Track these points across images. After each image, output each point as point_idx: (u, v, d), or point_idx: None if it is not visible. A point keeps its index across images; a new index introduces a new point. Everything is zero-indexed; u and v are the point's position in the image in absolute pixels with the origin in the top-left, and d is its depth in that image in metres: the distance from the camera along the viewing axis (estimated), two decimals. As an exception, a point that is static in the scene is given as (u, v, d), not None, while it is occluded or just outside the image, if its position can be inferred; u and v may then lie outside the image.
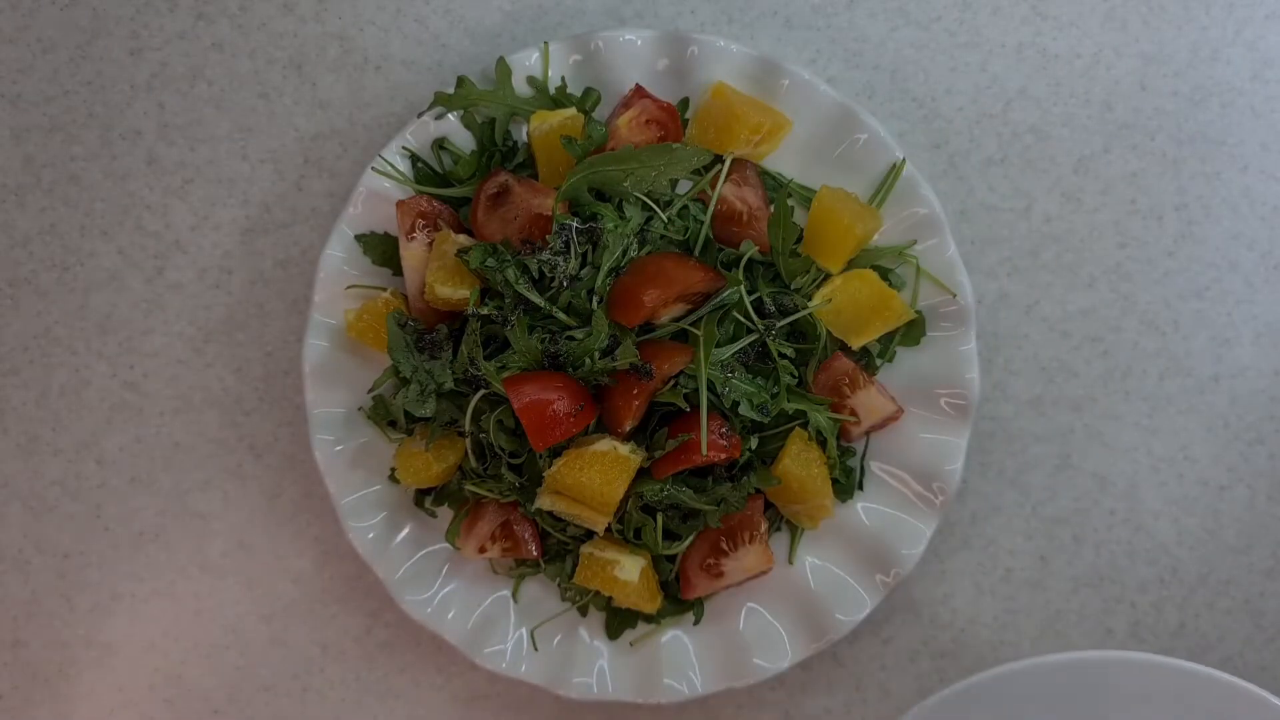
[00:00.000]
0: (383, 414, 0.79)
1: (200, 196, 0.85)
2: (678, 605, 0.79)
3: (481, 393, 0.75)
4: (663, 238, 0.76)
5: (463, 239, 0.76)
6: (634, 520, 0.76)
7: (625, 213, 0.76)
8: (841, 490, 0.79)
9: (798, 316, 0.76)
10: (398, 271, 0.79)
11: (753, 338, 0.75)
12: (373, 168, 0.79)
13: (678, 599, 0.79)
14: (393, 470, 0.79)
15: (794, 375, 0.76)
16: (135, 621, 0.84)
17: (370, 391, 0.79)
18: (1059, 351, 0.82)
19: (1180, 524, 0.81)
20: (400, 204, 0.78)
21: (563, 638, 0.79)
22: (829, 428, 0.76)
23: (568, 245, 0.74)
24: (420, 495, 0.80)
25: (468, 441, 0.77)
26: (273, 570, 0.84)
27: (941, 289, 0.78)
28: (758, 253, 0.77)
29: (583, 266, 0.74)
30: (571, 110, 0.78)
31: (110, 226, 0.85)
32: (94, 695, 0.84)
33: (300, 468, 0.84)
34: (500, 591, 0.80)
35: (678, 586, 0.78)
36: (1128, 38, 0.83)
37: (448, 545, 0.79)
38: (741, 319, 0.75)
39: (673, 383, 0.73)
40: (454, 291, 0.75)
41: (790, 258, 0.77)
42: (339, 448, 0.79)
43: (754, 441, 0.75)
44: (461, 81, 0.78)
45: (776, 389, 0.75)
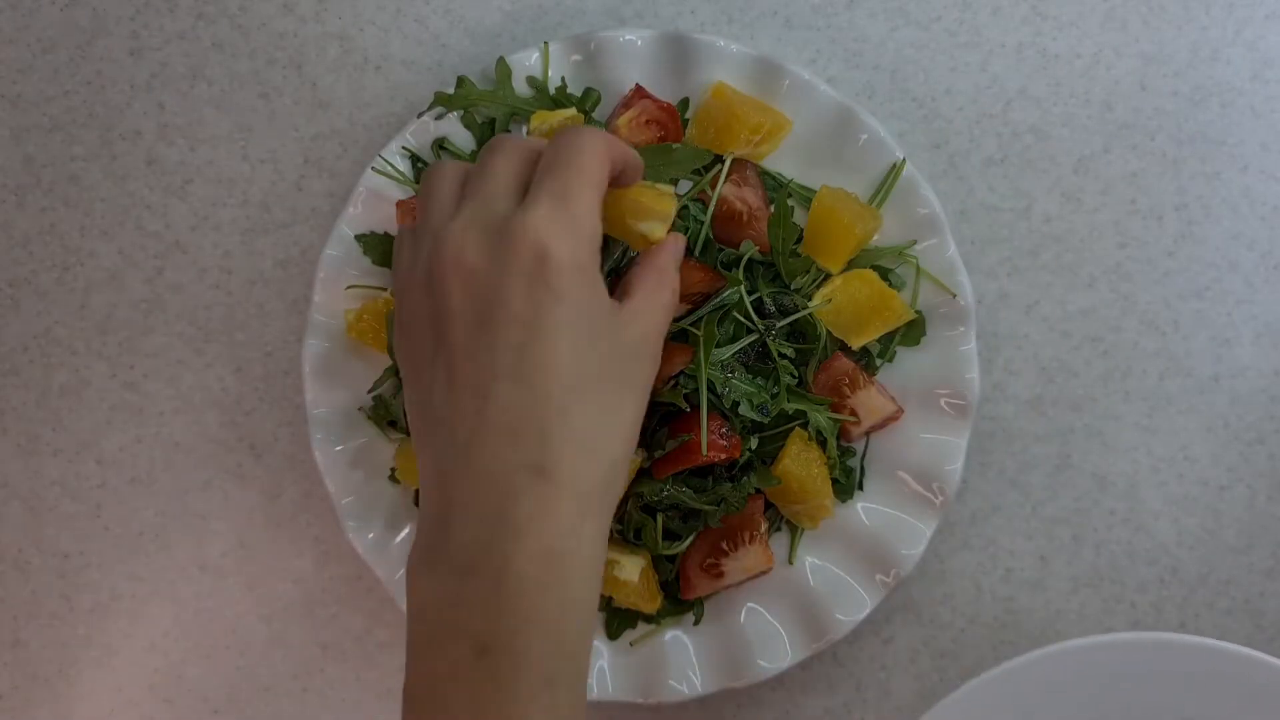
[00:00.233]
0: (383, 414, 0.79)
1: (200, 196, 0.85)
2: (678, 605, 0.79)
3: (481, 393, 0.75)
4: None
5: (463, 239, 0.76)
6: (634, 520, 0.76)
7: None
8: (841, 490, 0.78)
9: (798, 316, 0.76)
10: (398, 271, 0.79)
11: (753, 338, 0.75)
12: (373, 168, 0.79)
13: (678, 599, 0.79)
14: (393, 470, 0.79)
15: (794, 375, 0.76)
16: (135, 621, 0.84)
17: (370, 391, 0.79)
18: (1059, 351, 0.82)
19: (1180, 524, 0.81)
20: (400, 204, 0.78)
21: (563, 638, 0.79)
22: (829, 428, 0.76)
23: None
24: (420, 495, 0.80)
25: (468, 441, 0.77)
26: (273, 570, 0.84)
27: (941, 289, 0.78)
28: (757, 253, 0.77)
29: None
30: (571, 110, 0.78)
31: (110, 226, 0.85)
32: (94, 695, 0.84)
33: (300, 468, 0.84)
34: (500, 591, 0.80)
35: (678, 586, 0.78)
36: (1128, 38, 0.83)
37: (448, 545, 0.79)
38: (741, 319, 0.75)
39: (673, 383, 0.73)
40: (454, 291, 0.75)
41: (790, 258, 0.77)
42: (339, 448, 0.79)
43: (754, 441, 0.75)
44: (461, 81, 0.78)
45: (776, 389, 0.75)
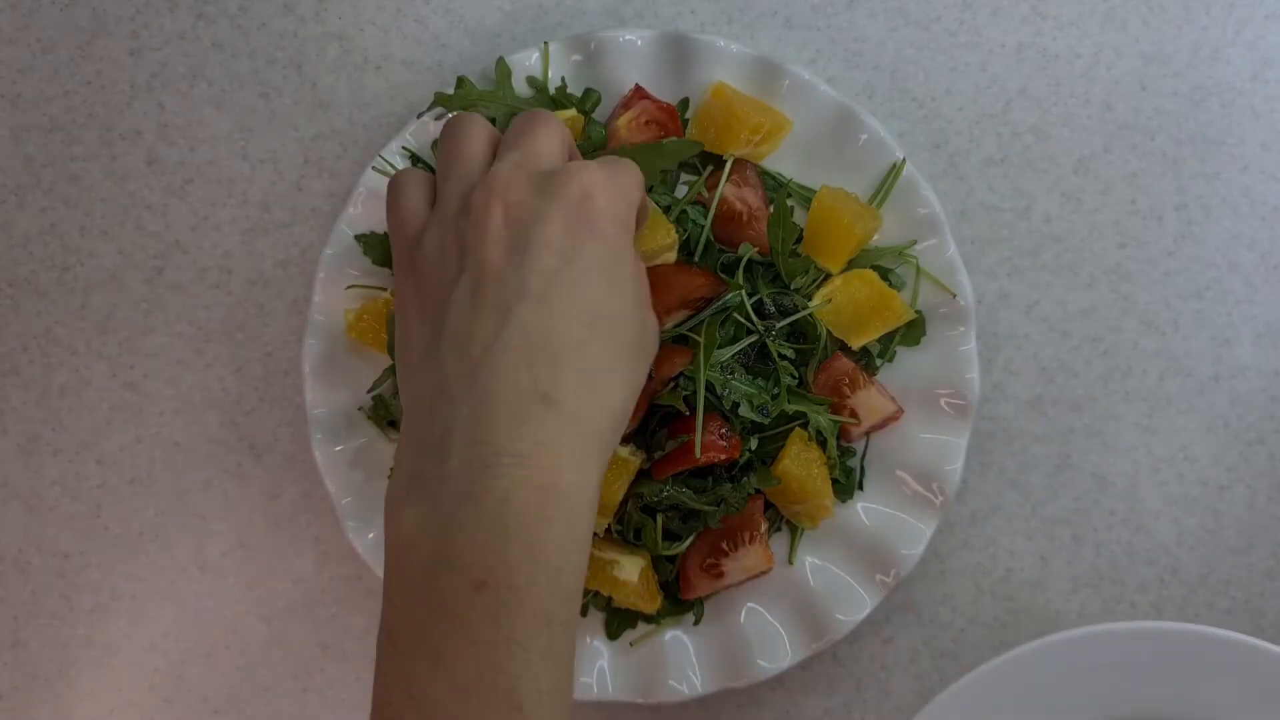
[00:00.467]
0: (383, 414, 0.79)
1: (200, 196, 0.85)
2: (678, 605, 0.79)
3: (481, 393, 0.75)
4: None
5: (463, 239, 0.76)
6: (634, 521, 0.76)
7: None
8: (841, 490, 0.78)
9: (798, 317, 0.76)
10: (398, 272, 0.79)
11: (753, 339, 0.75)
12: (373, 167, 0.79)
13: (678, 599, 0.79)
14: (392, 471, 0.79)
15: (794, 376, 0.76)
16: (135, 621, 0.84)
17: (370, 391, 0.79)
18: (1059, 351, 0.82)
19: (1180, 524, 0.81)
20: (400, 204, 0.78)
21: (563, 638, 0.79)
22: (829, 428, 0.76)
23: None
24: (420, 495, 0.80)
25: (468, 442, 0.77)
26: (273, 570, 0.84)
27: (941, 289, 0.78)
28: (757, 254, 0.77)
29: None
30: (572, 111, 0.78)
31: (110, 226, 0.85)
32: (94, 695, 0.84)
33: (300, 468, 0.84)
34: (500, 592, 0.80)
35: (678, 587, 0.78)
36: (1128, 38, 0.83)
37: (448, 545, 0.79)
38: (742, 320, 0.75)
39: (673, 384, 0.73)
40: (454, 292, 0.75)
41: (790, 258, 0.77)
42: (339, 448, 0.79)
43: (754, 442, 0.75)
44: (461, 82, 0.78)
45: (777, 390, 0.75)
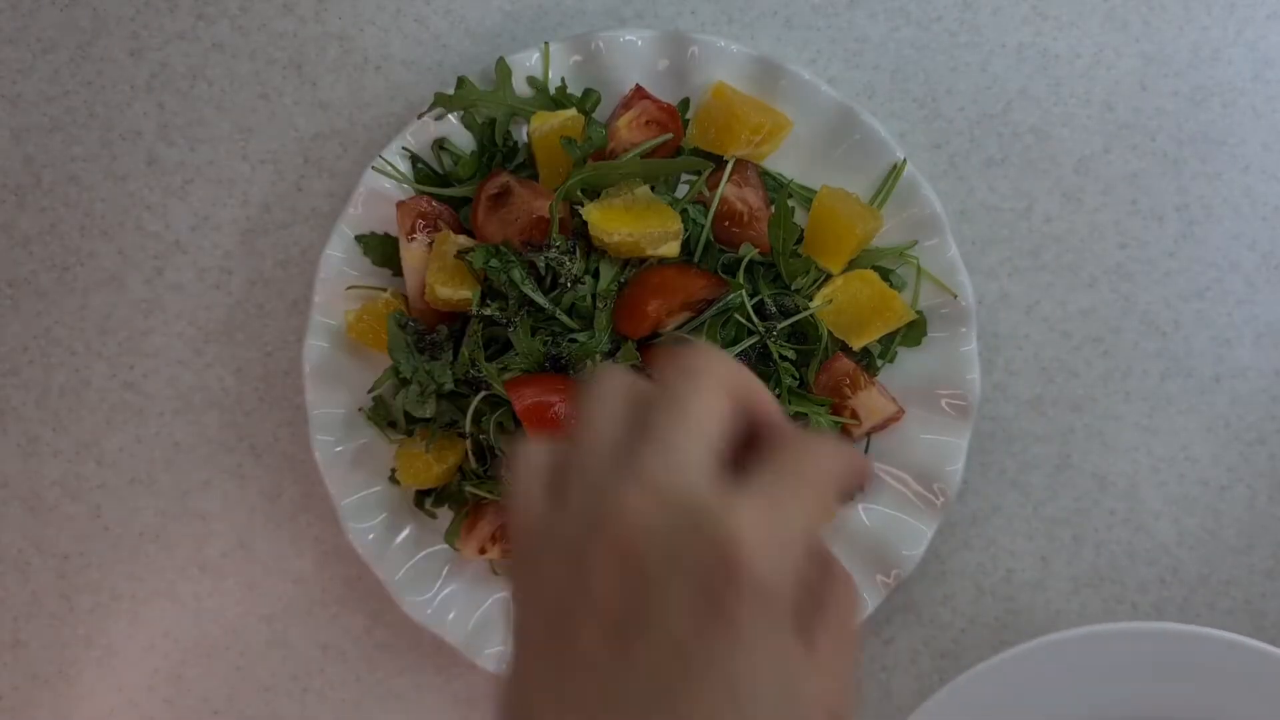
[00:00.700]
0: (383, 415, 0.79)
1: (200, 196, 0.84)
2: (678, 606, 0.79)
3: (482, 394, 0.75)
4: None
5: (463, 240, 0.76)
6: (634, 521, 0.76)
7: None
8: (842, 491, 0.78)
9: (799, 317, 0.76)
10: (398, 272, 0.79)
11: (754, 340, 0.75)
12: (373, 167, 0.79)
13: (678, 599, 0.78)
14: (393, 471, 0.79)
15: (795, 377, 0.76)
16: (135, 621, 0.84)
17: (370, 392, 0.79)
18: (1059, 352, 0.82)
19: (1181, 524, 0.81)
20: (400, 204, 0.78)
21: (563, 638, 0.79)
22: (830, 429, 0.76)
23: (574, 245, 0.74)
24: (420, 496, 0.80)
25: (468, 443, 0.77)
26: (273, 570, 0.84)
27: (942, 289, 0.78)
28: (758, 254, 0.77)
29: (587, 268, 0.75)
30: (572, 111, 0.77)
31: (110, 227, 0.85)
32: (94, 695, 0.84)
33: (300, 468, 0.84)
34: (501, 593, 0.80)
35: (678, 587, 0.78)
36: (1128, 38, 0.82)
37: (448, 546, 0.79)
38: (743, 321, 0.75)
39: (673, 385, 0.73)
40: (454, 292, 0.75)
41: (791, 258, 0.77)
42: (339, 448, 0.79)
43: (754, 442, 0.75)
44: (461, 82, 0.78)
45: (778, 391, 0.75)
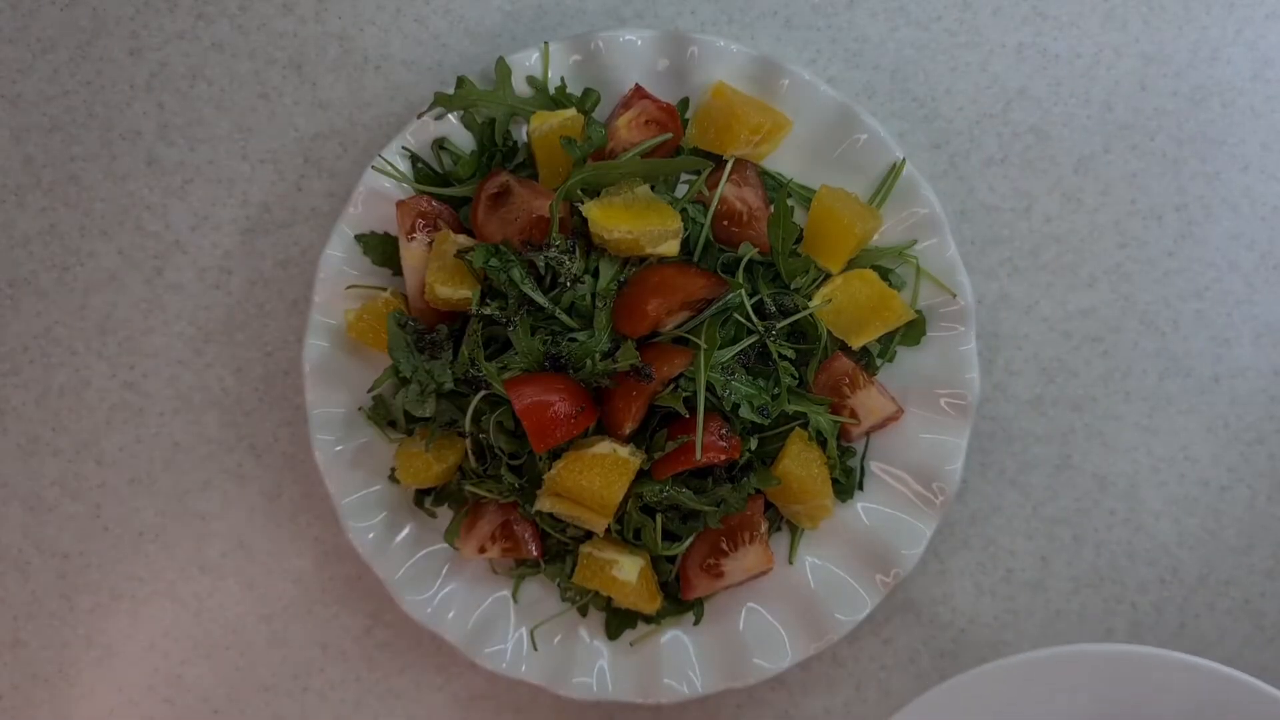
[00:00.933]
0: (383, 414, 0.79)
1: (200, 196, 0.85)
2: (678, 605, 0.79)
3: (482, 393, 0.75)
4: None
5: (463, 239, 0.76)
6: (634, 521, 0.76)
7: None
8: (841, 490, 0.78)
9: (798, 317, 0.76)
10: (398, 271, 0.79)
11: (753, 339, 0.75)
12: (373, 167, 0.79)
13: (678, 599, 0.79)
14: (393, 470, 0.79)
15: (794, 376, 0.76)
16: (135, 621, 0.84)
17: (370, 391, 0.79)
18: (1059, 351, 0.82)
19: (1180, 524, 0.81)
20: (400, 204, 0.78)
21: (563, 638, 0.79)
22: (829, 428, 0.76)
23: (574, 244, 0.74)
24: (420, 495, 0.80)
25: (468, 442, 0.77)
26: (273, 570, 0.84)
27: (942, 289, 0.78)
28: (757, 253, 0.77)
29: (586, 268, 0.75)
30: (571, 111, 0.77)
31: (110, 226, 0.85)
32: (94, 695, 0.84)
33: (300, 468, 0.84)
34: (500, 592, 0.80)
35: (678, 587, 0.78)
36: (1128, 38, 0.83)
37: (448, 545, 0.79)
38: (742, 320, 0.75)
39: (673, 385, 0.73)
40: (454, 291, 0.75)
41: (790, 258, 0.77)
42: (339, 448, 0.79)
43: (754, 442, 0.75)
44: (461, 81, 0.78)
45: (777, 390, 0.75)
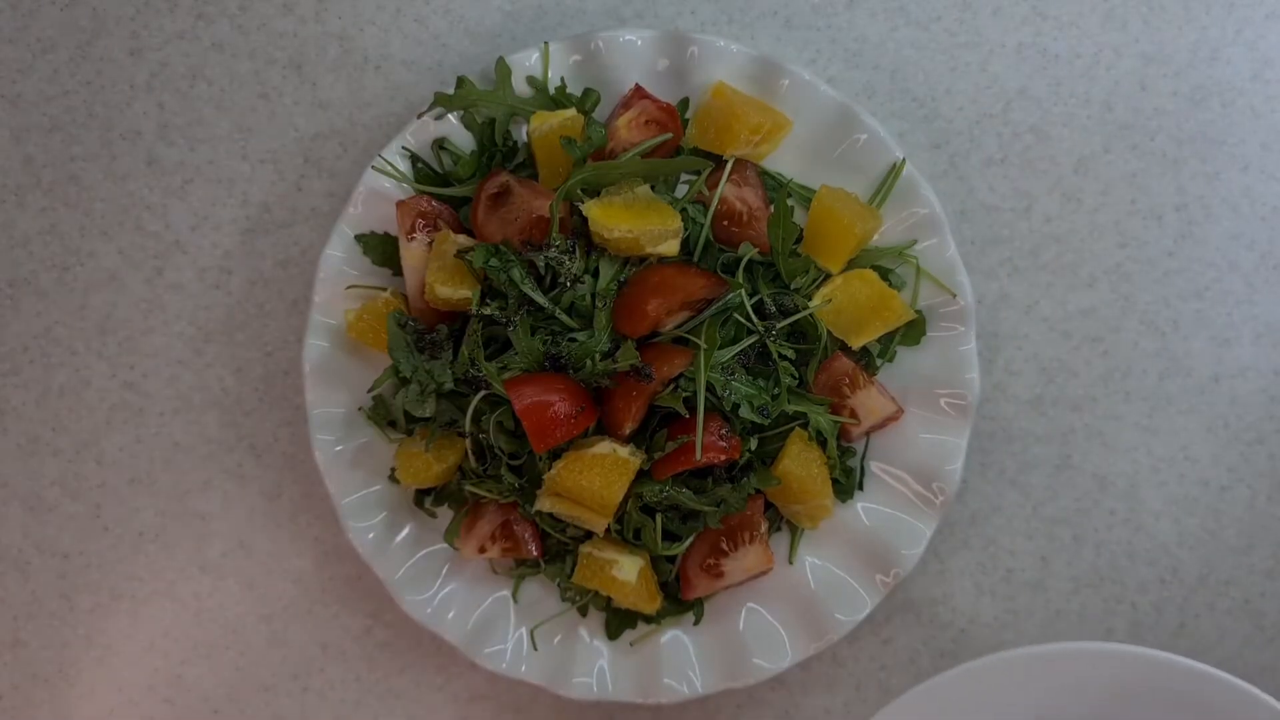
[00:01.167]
0: (383, 414, 0.79)
1: (200, 196, 0.85)
2: (678, 605, 0.79)
3: (482, 393, 0.75)
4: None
5: (463, 239, 0.76)
6: (633, 521, 0.76)
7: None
8: (841, 490, 0.78)
9: (798, 317, 0.76)
10: (398, 271, 0.79)
11: (753, 339, 0.75)
12: (373, 167, 0.79)
13: (678, 599, 0.79)
14: (393, 470, 0.79)
15: (794, 376, 0.76)
16: (135, 621, 0.84)
17: (370, 391, 0.79)
18: (1059, 351, 0.82)
19: (1180, 524, 0.81)
20: (400, 204, 0.78)
21: (563, 638, 0.79)
22: (829, 428, 0.76)
23: (574, 244, 0.74)
24: (420, 495, 0.80)
25: (468, 442, 0.77)
26: (273, 570, 0.84)
27: (941, 289, 0.78)
28: (757, 253, 0.77)
29: (586, 268, 0.75)
30: (571, 111, 0.77)
31: (110, 226, 0.85)
32: (94, 695, 0.84)
33: (300, 468, 0.84)
34: (500, 592, 0.80)
35: (678, 587, 0.78)
36: (1128, 38, 0.83)
37: (448, 545, 0.79)
38: (742, 320, 0.75)
39: (673, 386, 0.73)
40: (454, 291, 0.75)
41: (790, 258, 0.77)
42: (339, 448, 0.79)
43: (754, 442, 0.75)
44: (461, 82, 0.78)
45: (777, 390, 0.75)
